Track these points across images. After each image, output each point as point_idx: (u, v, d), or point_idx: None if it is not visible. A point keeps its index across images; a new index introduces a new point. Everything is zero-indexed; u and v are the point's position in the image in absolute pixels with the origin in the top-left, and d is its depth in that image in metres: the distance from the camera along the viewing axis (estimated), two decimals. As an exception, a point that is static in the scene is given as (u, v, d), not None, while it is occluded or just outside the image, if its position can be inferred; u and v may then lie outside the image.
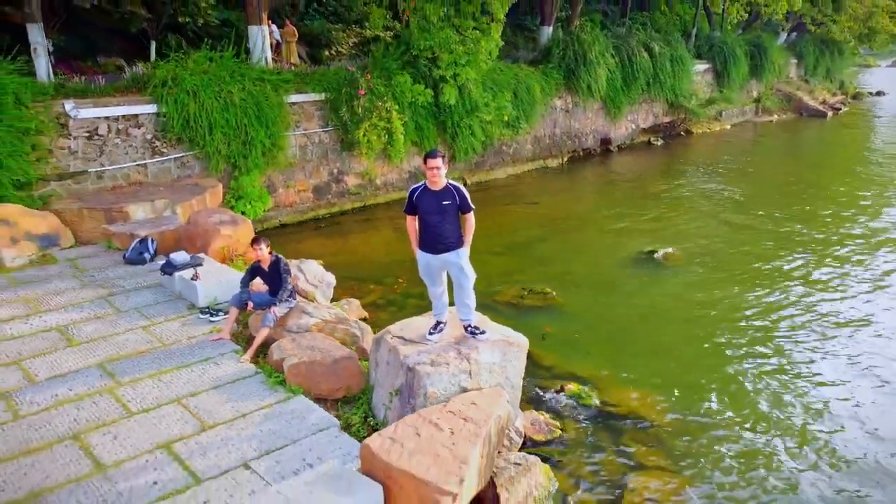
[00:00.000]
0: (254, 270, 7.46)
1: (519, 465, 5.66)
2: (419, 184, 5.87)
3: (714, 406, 7.40)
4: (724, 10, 25.01)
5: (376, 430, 5.67)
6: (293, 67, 17.19)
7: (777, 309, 10.02)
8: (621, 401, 7.34)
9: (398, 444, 4.81)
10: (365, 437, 5.34)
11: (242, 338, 7.43)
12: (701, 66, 28.18)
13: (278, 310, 7.16)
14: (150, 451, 5.36)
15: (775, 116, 31.90)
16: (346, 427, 5.86)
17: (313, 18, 25.37)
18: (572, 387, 7.41)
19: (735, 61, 29.04)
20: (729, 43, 29.19)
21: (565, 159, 21.66)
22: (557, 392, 7.39)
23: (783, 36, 37.76)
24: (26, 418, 5.82)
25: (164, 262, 8.74)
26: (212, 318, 7.74)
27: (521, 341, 6.16)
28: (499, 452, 5.69)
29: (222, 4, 22.27)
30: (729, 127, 28.95)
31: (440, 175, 5.65)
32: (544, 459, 6.04)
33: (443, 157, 5.72)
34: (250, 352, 6.85)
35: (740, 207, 16.01)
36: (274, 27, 20.02)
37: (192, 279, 8.18)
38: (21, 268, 9.49)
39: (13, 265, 9.53)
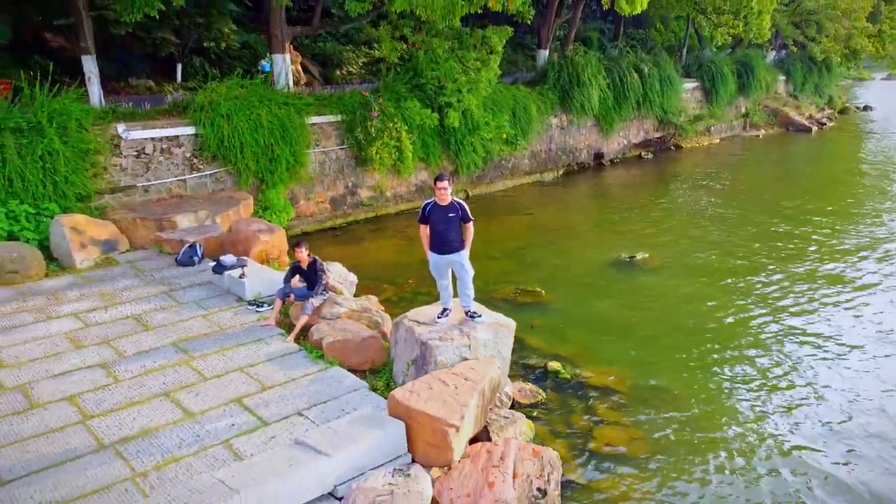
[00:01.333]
0: (295, 269, 9.14)
1: (507, 418, 7.31)
2: (430, 200, 7.55)
3: (670, 381, 9.01)
4: (710, 33, 26.79)
5: (397, 391, 7.32)
6: (304, 86, 18.95)
7: (736, 305, 11.65)
8: (593, 375, 8.99)
9: (416, 394, 6.46)
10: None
11: (284, 324, 9.08)
12: (690, 85, 29.91)
13: (315, 301, 8.82)
14: (226, 404, 7.02)
15: (762, 131, 33.61)
16: (373, 389, 7.50)
17: (326, 40, 27.17)
18: (554, 364, 9.09)
19: (723, 79, 30.76)
20: (717, 62, 30.93)
21: (560, 173, 23.38)
22: (541, 368, 9.06)
23: (772, 54, 39.52)
24: (125, 382, 7.49)
25: (215, 263, 10.43)
26: (258, 309, 9.41)
27: (510, 323, 7.83)
28: (491, 408, 7.33)
29: (241, 28, 24.09)
30: (717, 141, 30.67)
31: (447, 194, 7.32)
32: (528, 416, 7.70)
33: (449, 179, 7.40)
34: (294, 334, 8.52)
35: (718, 217, 17.67)
36: None
37: (239, 277, 9.87)
38: (89, 268, 11.18)
39: (82, 266, 11.21)
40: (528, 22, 20.01)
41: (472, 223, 7.52)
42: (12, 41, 18.79)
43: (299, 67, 21.37)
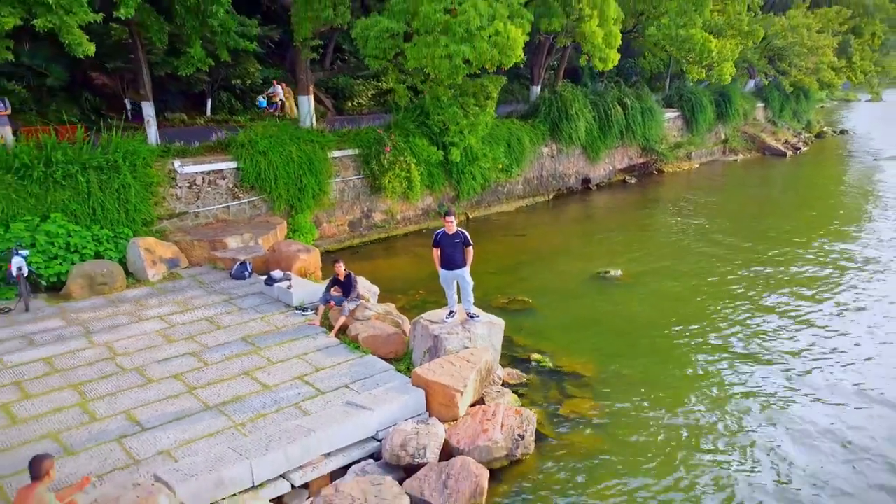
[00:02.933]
0: (333, 281, 11.68)
1: (498, 392, 9.84)
2: (441, 229, 10.12)
3: (629, 370, 11.49)
4: (686, 69, 29.66)
5: (416, 371, 9.84)
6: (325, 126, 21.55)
7: (694, 313, 14.15)
8: (568, 364, 11.50)
9: (432, 370, 8.99)
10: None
11: (325, 325, 11.61)
12: (671, 114, 32.64)
13: (350, 306, 11.36)
14: (291, 380, 9.54)
15: (740, 156, 36.29)
16: (398, 371, 10.01)
17: (338, 74, 29.85)
18: (536, 356, 11.62)
19: (702, 109, 33.50)
20: (696, 93, 33.68)
21: (551, 197, 26.03)
22: (526, 359, 11.60)
23: (751, 83, 42.33)
24: (212, 366, 10.01)
25: (266, 277, 12.98)
26: (304, 313, 11.94)
27: (501, 322, 10.41)
28: (486, 385, 9.85)
29: (263, 64, 26.80)
30: (697, 166, 33.33)
31: (453, 226, 9.91)
32: (514, 392, 10.22)
33: (455, 214, 9.99)
34: (334, 331, 11.05)
35: (690, 236, 20.23)
36: (279, 88, 24.52)
37: (287, 288, 12.41)
38: (159, 282, 13.72)
39: (154, 280, 13.75)
40: (521, 65, 22.68)
41: (472, 247, 10.08)
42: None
43: (293, 103, 24.01)
